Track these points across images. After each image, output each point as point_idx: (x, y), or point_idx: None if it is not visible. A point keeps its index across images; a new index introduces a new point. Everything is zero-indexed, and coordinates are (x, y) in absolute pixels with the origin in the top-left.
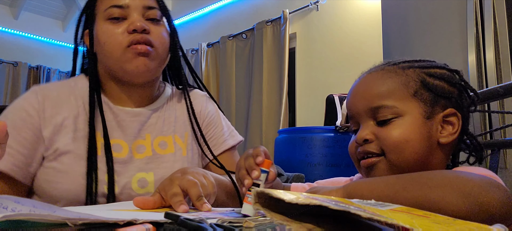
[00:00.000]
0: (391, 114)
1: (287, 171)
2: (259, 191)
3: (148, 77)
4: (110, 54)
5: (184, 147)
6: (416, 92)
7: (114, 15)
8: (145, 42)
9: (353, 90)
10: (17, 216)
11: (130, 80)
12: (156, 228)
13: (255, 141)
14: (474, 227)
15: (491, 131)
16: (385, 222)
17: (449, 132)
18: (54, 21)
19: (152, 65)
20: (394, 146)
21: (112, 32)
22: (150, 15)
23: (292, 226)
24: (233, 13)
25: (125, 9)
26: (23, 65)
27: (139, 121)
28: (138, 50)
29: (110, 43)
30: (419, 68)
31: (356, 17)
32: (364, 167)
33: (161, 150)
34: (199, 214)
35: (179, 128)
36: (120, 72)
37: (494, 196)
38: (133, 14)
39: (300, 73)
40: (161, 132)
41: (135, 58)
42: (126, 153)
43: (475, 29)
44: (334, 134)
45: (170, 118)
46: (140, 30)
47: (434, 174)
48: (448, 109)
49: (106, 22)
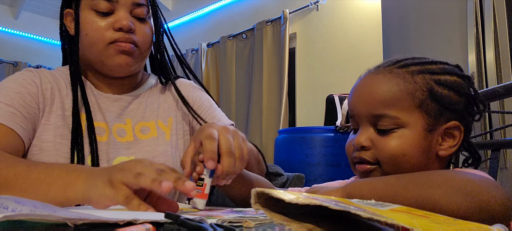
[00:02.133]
0: (392, 125)
1: (287, 171)
2: (259, 191)
3: (129, 73)
4: (91, 46)
5: (167, 131)
6: (421, 104)
7: (100, 8)
8: (130, 42)
9: (357, 89)
10: (18, 216)
11: (109, 74)
12: (156, 228)
13: (255, 141)
14: (474, 227)
15: (491, 131)
16: (385, 222)
17: (450, 145)
18: (54, 21)
19: (133, 63)
20: (390, 158)
21: (96, 25)
22: (137, 13)
23: (292, 226)
24: (233, 13)
25: (113, 3)
26: (23, 65)
27: (119, 105)
28: (121, 47)
29: (93, 36)
30: (429, 73)
31: (356, 17)
32: (359, 172)
33: (142, 135)
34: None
35: (162, 113)
36: (100, 65)
37: (495, 196)
38: (121, 10)
39: (300, 73)
40: (143, 117)
41: (117, 55)
42: (107, 136)
43: (475, 29)
44: (334, 134)
45: (152, 104)
46: (126, 30)
47: (434, 173)
48: (452, 122)
49: (91, 13)
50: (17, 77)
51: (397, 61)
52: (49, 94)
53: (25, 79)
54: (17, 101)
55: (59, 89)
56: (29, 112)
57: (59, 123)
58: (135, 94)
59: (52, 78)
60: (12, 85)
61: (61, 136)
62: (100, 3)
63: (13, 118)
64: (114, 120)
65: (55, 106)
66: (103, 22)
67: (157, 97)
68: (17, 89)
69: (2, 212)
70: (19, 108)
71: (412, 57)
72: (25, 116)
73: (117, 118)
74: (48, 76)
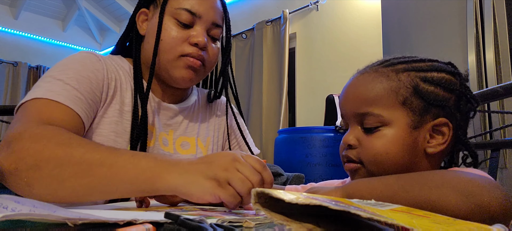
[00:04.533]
0: (377, 123)
1: (287, 171)
2: (259, 191)
3: (188, 86)
4: (162, 53)
5: (205, 151)
6: (405, 100)
7: (182, 19)
8: (200, 59)
9: (345, 90)
10: (17, 216)
11: (168, 82)
12: (156, 228)
13: (255, 141)
14: (474, 227)
15: (491, 131)
16: (385, 222)
17: (438, 142)
18: (54, 21)
19: (196, 79)
20: (372, 158)
21: (174, 35)
22: (213, 33)
23: (292, 226)
24: (233, 13)
25: (195, 17)
26: (23, 65)
27: (165, 114)
28: (190, 62)
29: (168, 44)
30: (415, 71)
31: (356, 17)
32: (347, 170)
33: (182, 150)
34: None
35: (202, 131)
36: (163, 72)
37: (495, 196)
38: (200, 26)
39: (300, 73)
40: (185, 132)
41: (184, 69)
42: (154, 141)
43: (475, 29)
44: (334, 134)
45: (195, 121)
46: (201, 46)
47: (434, 174)
48: (439, 119)
49: (172, 20)
50: (83, 59)
51: (384, 61)
52: (113, 85)
53: (93, 63)
54: (84, 86)
55: (121, 82)
56: (93, 99)
57: (115, 118)
58: (181, 107)
59: (115, 69)
60: (80, 68)
61: (115, 133)
62: (183, 14)
63: (79, 102)
64: (161, 127)
65: (115, 99)
66: (181, 33)
67: (199, 114)
68: (85, 73)
69: (2, 212)
70: (85, 94)
71: (401, 56)
72: (89, 102)
73: (163, 126)
74: (112, 66)
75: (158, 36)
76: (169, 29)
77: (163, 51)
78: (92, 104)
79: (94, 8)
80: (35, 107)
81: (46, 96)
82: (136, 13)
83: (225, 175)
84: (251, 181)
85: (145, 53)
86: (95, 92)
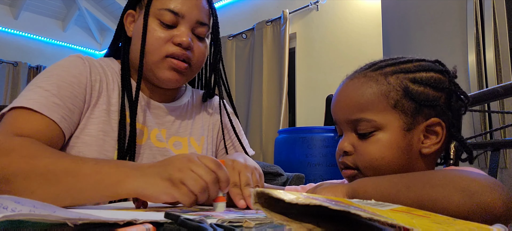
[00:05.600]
0: (370, 128)
1: (287, 171)
2: (259, 191)
3: (174, 87)
4: (148, 54)
5: (199, 150)
6: (396, 103)
7: (165, 20)
8: (185, 59)
9: (336, 96)
10: (17, 216)
11: (155, 83)
12: (156, 228)
13: (255, 140)
14: (474, 227)
15: (491, 131)
16: (385, 222)
17: (433, 142)
18: (54, 21)
19: (183, 81)
20: (368, 163)
21: (157, 35)
22: (199, 32)
23: (292, 226)
24: (233, 13)
25: (178, 17)
26: (23, 65)
27: (156, 113)
28: (174, 65)
29: (152, 44)
30: (403, 72)
31: (356, 17)
32: (344, 177)
33: (175, 149)
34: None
35: (196, 131)
36: (149, 73)
37: (497, 196)
38: (184, 26)
39: (300, 73)
40: (177, 132)
41: (169, 71)
42: (145, 139)
43: (475, 29)
44: (334, 134)
45: (187, 120)
46: (185, 46)
47: (437, 173)
48: (431, 119)
49: (155, 21)
50: (67, 64)
51: (372, 65)
52: (98, 86)
53: (76, 67)
54: (64, 91)
55: (107, 83)
56: (75, 104)
57: (103, 118)
58: (173, 106)
59: (101, 70)
60: (62, 74)
61: (103, 132)
62: (166, 15)
63: (56, 108)
64: (153, 124)
65: (101, 100)
66: (165, 33)
67: (192, 114)
68: (67, 79)
69: (2, 212)
70: (65, 100)
71: (388, 58)
72: (69, 107)
73: (156, 124)
74: (98, 67)
75: (143, 37)
76: (153, 30)
77: (148, 52)
78: (73, 108)
79: (94, 8)
80: (12, 118)
81: (22, 105)
82: (124, 15)
83: (179, 175)
84: (204, 180)
85: (132, 54)
86: (77, 96)
